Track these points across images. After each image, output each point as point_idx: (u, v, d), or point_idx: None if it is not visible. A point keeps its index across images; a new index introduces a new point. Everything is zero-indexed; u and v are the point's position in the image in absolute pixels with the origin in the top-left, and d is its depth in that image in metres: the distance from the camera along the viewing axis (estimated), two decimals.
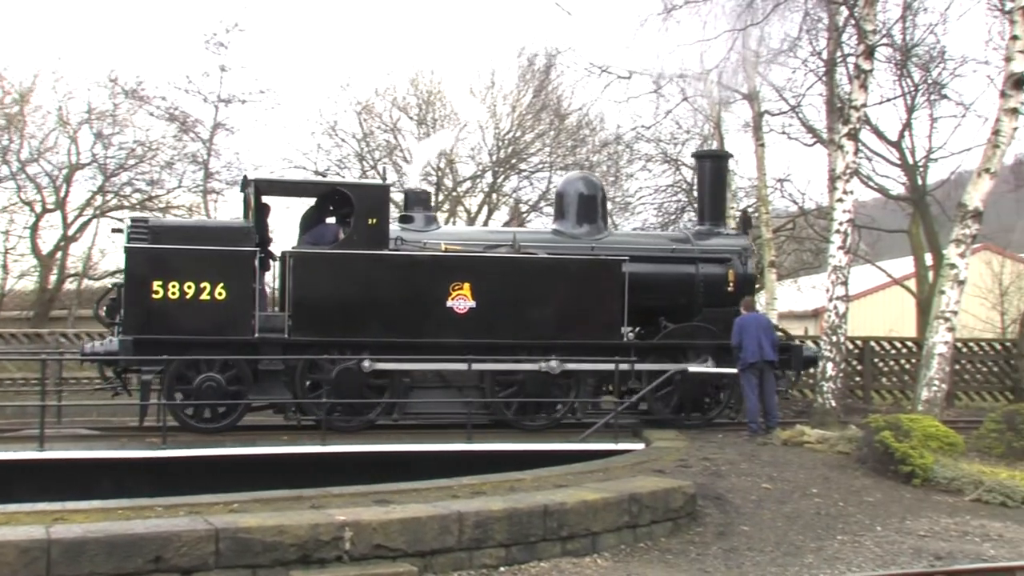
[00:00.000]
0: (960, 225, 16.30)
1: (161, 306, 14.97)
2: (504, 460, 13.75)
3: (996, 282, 34.00)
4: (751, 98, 25.88)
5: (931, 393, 15.88)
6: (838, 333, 16.44)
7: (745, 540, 10.73)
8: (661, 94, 28.76)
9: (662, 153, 31.85)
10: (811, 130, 28.70)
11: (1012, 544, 10.67)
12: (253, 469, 13.76)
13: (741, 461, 13.70)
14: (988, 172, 16.18)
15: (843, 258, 16.60)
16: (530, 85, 34.29)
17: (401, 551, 9.05)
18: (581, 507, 10.12)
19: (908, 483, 13.08)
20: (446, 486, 11.16)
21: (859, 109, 17.22)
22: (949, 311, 16.02)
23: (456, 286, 16.03)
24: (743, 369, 15.83)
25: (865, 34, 16.99)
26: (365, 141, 33.09)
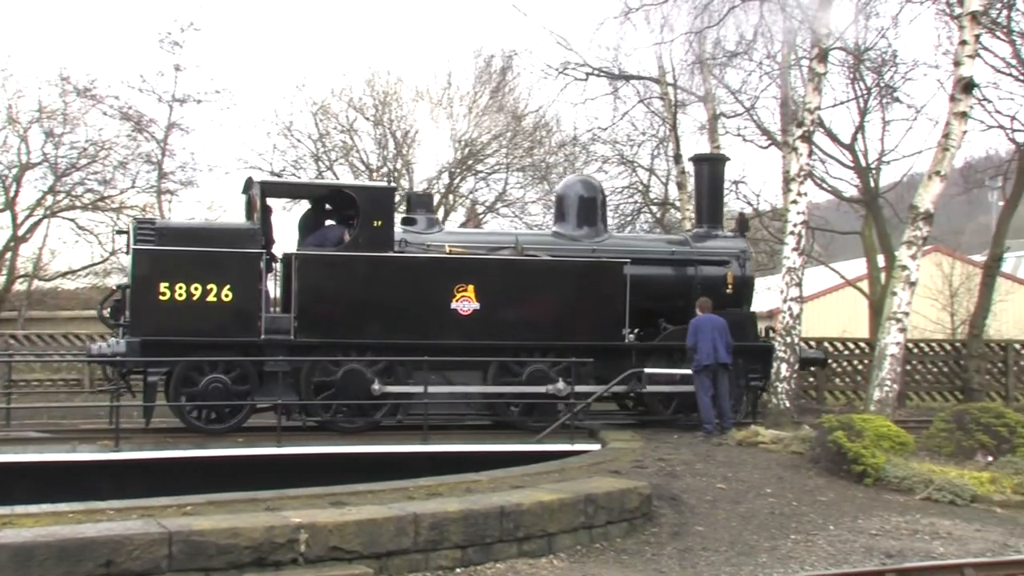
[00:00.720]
0: (911, 227, 16.48)
1: (168, 307, 15.03)
2: (462, 461, 13.76)
3: (946, 283, 34.40)
4: (706, 100, 26.06)
5: (883, 393, 16.06)
6: (792, 334, 16.59)
7: (700, 540, 10.79)
8: (618, 96, 28.96)
9: (618, 155, 31.98)
10: (766, 132, 28.95)
11: (960, 542, 10.82)
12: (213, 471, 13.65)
13: (696, 462, 13.77)
14: (938, 175, 16.37)
15: (797, 259, 16.76)
16: (487, 86, 34.29)
17: (357, 553, 9.01)
18: (537, 508, 10.13)
19: (860, 482, 13.23)
20: (402, 487, 11.12)
21: (813, 112, 17.38)
22: (901, 312, 16.20)
23: (460, 288, 16.22)
24: (697, 371, 15.93)
25: (819, 37, 17.14)
26: (321, 142, 32.93)
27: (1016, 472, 13.39)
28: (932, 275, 32.82)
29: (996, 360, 25.41)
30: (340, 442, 15.13)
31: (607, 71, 27.73)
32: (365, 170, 33.15)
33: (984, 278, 26.82)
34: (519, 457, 13.94)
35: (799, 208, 16.97)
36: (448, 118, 33.96)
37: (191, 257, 15.28)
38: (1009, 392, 24.57)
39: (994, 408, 15.60)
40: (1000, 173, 30.39)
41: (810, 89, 17.30)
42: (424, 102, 33.41)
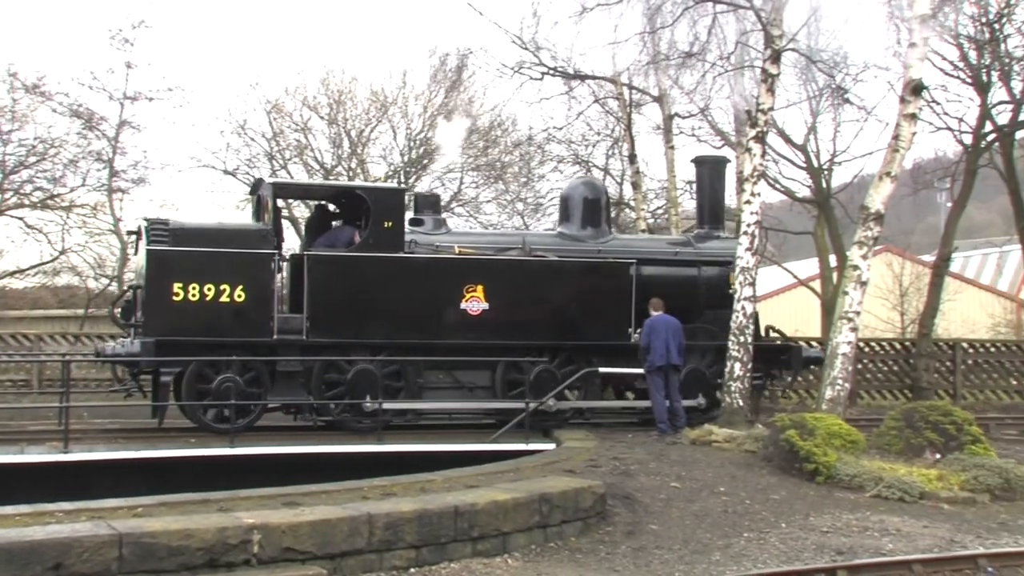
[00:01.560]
0: (863, 227, 16.62)
1: (182, 308, 15.13)
2: (416, 461, 13.75)
3: (897, 283, 34.84)
4: (661, 101, 26.18)
5: (834, 392, 16.17)
6: (745, 333, 16.67)
7: (654, 539, 10.84)
8: (573, 96, 29.02)
9: (573, 155, 32.08)
10: (720, 133, 29.14)
11: (909, 538, 10.95)
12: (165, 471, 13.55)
13: (650, 461, 13.84)
14: (889, 176, 16.53)
15: (751, 259, 16.84)
16: (442, 85, 34.25)
17: (311, 554, 8.95)
18: (492, 507, 10.12)
19: (812, 480, 13.35)
20: (356, 487, 11.08)
21: (766, 113, 17.49)
22: (852, 311, 16.33)
23: (470, 288, 16.48)
24: (650, 371, 16.02)
25: (772, 39, 17.27)
26: (275, 140, 32.74)
27: (963, 469, 13.57)
28: (883, 275, 33.24)
29: (944, 359, 25.79)
30: (295, 442, 15.07)
31: (562, 70, 27.79)
32: (320, 169, 33.00)
33: (933, 278, 27.19)
34: (475, 457, 13.96)
35: (753, 208, 17.07)
36: (403, 117, 33.90)
37: (205, 257, 15.40)
38: (957, 390, 24.94)
39: (942, 406, 15.80)
40: (948, 174, 30.82)
41: (763, 90, 17.40)
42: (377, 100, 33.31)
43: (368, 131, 33.69)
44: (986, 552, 10.18)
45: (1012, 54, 27.89)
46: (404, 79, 34.38)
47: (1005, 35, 27.64)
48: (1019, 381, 26.13)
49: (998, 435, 17.23)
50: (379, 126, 33.79)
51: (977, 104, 28.10)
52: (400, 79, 34.95)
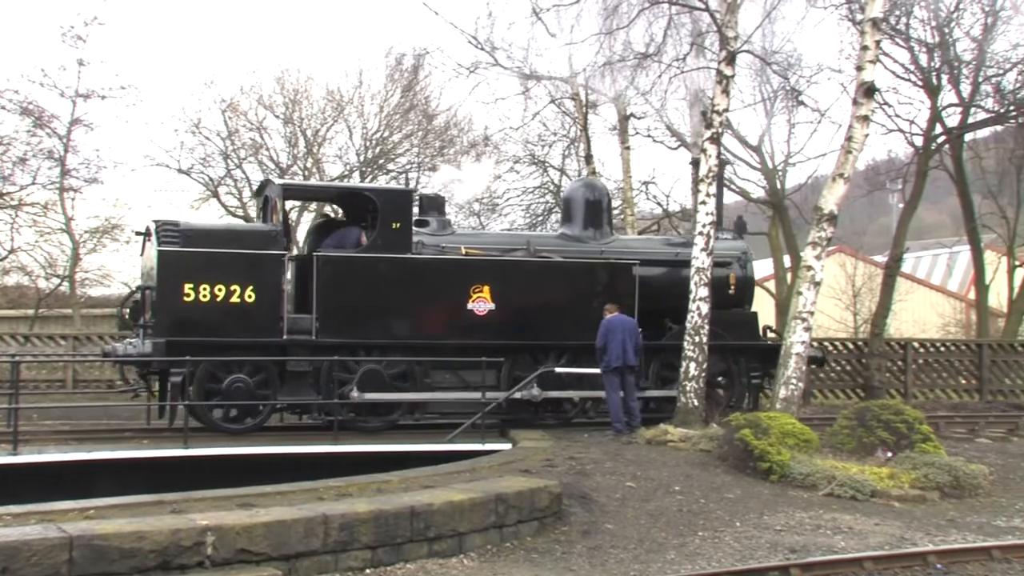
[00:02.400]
0: (816, 228, 16.75)
1: (193, 308, 15.24)
2: (373, 462, 13.70)
3: (850, 283, 35.20)
4: (617, 101, 26.25)
5: (788, 391, 16.27)
6: (701, 334, 16.75)
7: (609, 538, 10.88)
8: (529, 96, 29.04)
9: (530, 155, 32.12)
10: (675, 134, 29.30)
11: (861, 536, 11.07)
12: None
13: (606, 460, 13.88)
14: (842, 177, 16.67)
15: (706, 260, 16.92)
16: (398, 85, 34.15)
17: (265, 555, 8.90)
18: (448, 508, 10.12)
19: (766, 479, 13.45)
20: (312, 488, 11.03)
21: (721, 114, 17.59)
22: (806, 311, 16.45)
23: (476, 289, 16.67)
24: (606, 371, 16.08)
25: (727, 40, 17.37)
26: (230, 139, 32.47)
27: (914, 467, 13.74)
28: (836, 275, 33.59)
29: (896, 358, 26.07)
30: (250, 443, 14.97)
31: (518, 71, 27.79)
32: (275, 168, 32.79)
33: (885, 278, 27.51)
34: (432, 457, 13.95)
35: (708, 209, 17.15)
36: (359, 117, 33.78)
37: (215, 258, 15.48)
38: (908, 389, 25.24)
39: (894, 405, 15.96)
40: (900, 176, 31.25)
41: (718, 91, 17.50)
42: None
43: (324, 130, 33.53)
44: (935, 549, 10.31)
45: (961, 57, 28.30)
46: (360, 78, 34.27)
47: (954, 39, 28.06)
48: (968, 380, 26.48)
49: (947, 433, 17.45)
50: (335, 125, 33.66)
51: (927, 107, 28.50)
52: (356, 78, 34.85)
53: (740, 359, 18.41)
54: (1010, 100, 28.22)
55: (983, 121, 29.55)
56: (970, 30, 28.28)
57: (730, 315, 18.33)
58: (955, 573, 9.81)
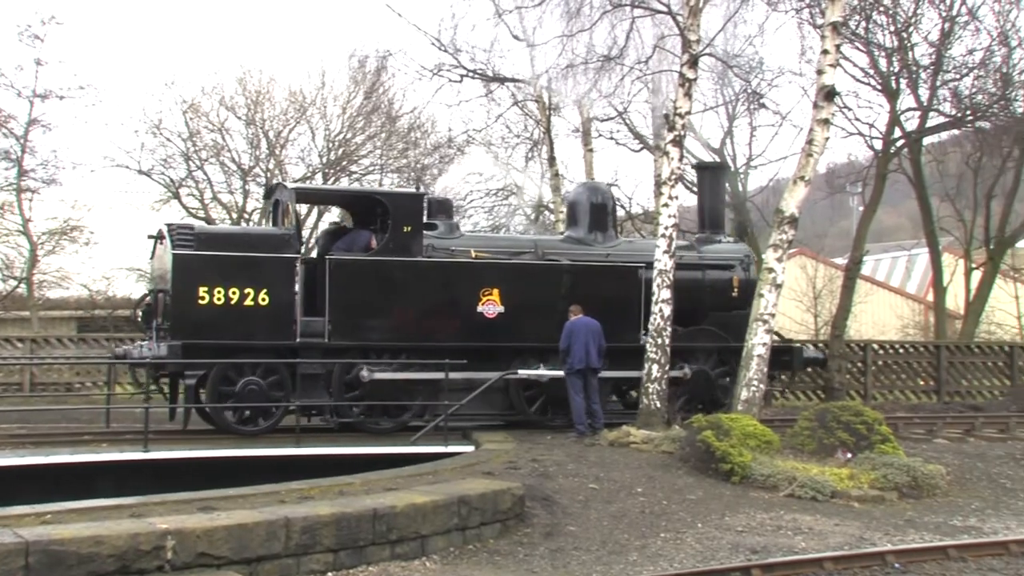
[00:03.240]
0: (777, 231, 16.86)
1: (208, 312, 15.34)
2: (335, 464, 13.67)
3: (810, 285, 35.48)
4: (580, 104, 26.32)
5: (750, 393, 16.36)
6: (663, 336, 16.81)
7: (572, 540, 10.90)
8: (492, 98, 29.08)
9: (493, 157, 32.10)
10: (638, 136, 29.42)
11: (821, 536, 11.16)
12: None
13: (569, 462, 13.90)
14: (803, 180, 16.78)
15: (668, 262, 16.97)
16: (361, 87, 34.06)
17: (226, 559, 8.84)
18: (410, 510, 10.10)
19: (728, 480, 13.53)
20: (273, 491, 10.98)
21: (684, 117, 17.66)
22: (767, 313, 16.55)
23: (486, 291, 16.84)
24: (570, 373, 16.11)
25: (689, 44, 17.45)
26: (191, 140, 32.25)
27: (873, 468, 13.86)
28: (797, 277, 33.86)
29: (856, 360, 26.27)
30: (212, 446, 14.88)
31: (481, 73, 27.84)
32: (237, 170, 32.61)
33: (845, 280, 27.72)
34: (394, 459, 13.93)
35: (670, 211, 17.21)
36: (322, 118, 33.66)
37: (229, 262, 15.60)
38: (868, 391, 25.44)
39: (853, 406, 16.09)
40: (860, 179, 31.52)
41: (680, 94, 17.58)
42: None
43: (286, 132, 33.39)
44: (894, 549, 10.41)
45: (919, 62, 28.60)
46: (323, 80, 34.17)
47: (912, 44, 28.35)
48: (926, 381, 26.74)
49: (906, 434, 17.61)
50: (297, 127, 33.53)
51: (887, 110, 28.77)
52: (319, 80, 34.73)
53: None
54: (967, 104, 28.55)
55: (941, 125, 29.88)
56: (928, 35, 28.62)
57: (733, 317, 18.54)
58: (913, 572, 9.90)
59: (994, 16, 28.61)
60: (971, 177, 30.41)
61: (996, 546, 10.78)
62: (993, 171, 29.79)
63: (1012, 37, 28.36)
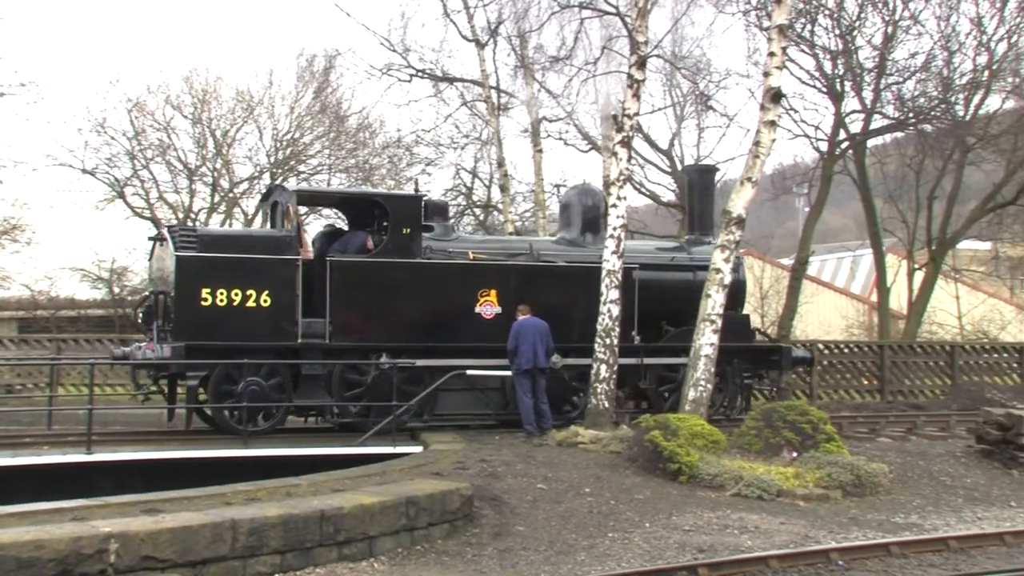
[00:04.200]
0: (725, 231, 16.96)
1: (210, 313, 15.49)
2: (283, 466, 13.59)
3: (757, 286, 35.75)
4: (529, 104, 26.36)
5: (697, 393, 16.43)
6: (612, 336, 16.86)
7: (520, 540, 10.91)
8: (442, 98, 29.05)
9: (442, 157, 32.09)
10: (586, 137, 29.53)
11: (767, 535, 11.26)
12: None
13: (517, 462, 13.91)
14: (750, 181, 16.90)
15: (616, 263, 17.02)
16: (309, 86, 33.88)
17: (171, 562, 8.74)
18: (358, 511, 10.06)
19: (675, 480, 13.60)
20: (220, 493, 10.89)
21: (632, 118, 17.73)
22: (715, 314, 16.63)
23: (484, 293, 17.07)
24: (518, 373, 16.12)
25: (637, 45, 17.52)
26: (137, 139, 31.89)
27: (818, 467, 14.01)
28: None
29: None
30: (156, 448, 14.75)
31: (431, 73, 27.80)
32: (183, 169, 32.30)
33: (791, 281, 28.04)
34: (342, 461, 13.86)
35: (619, 212, 17.26)
36: (269, 118, 33.44)
37: (232, 263, 15.73)
38: (813, 390, 25.71)
39: (799, 406, 16.23)
40: (806, 180, 31.88)
41: (629, 95, 17.64)
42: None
43: (234, 131, 33.13)
44: (838, 547, 10.54)
45: (863, 65, 29.00)
46: (271, 79, 34.01)
47: (856, 47, 28.74)
48: (870, 381, 27.08)
49: (850, 433, 17.81)
50: (245, 126, 33.28)
51: (832, 113, 29.14)
52: (267, 79, 34.53)
53: (734, 360, 18.91)
54: (909, 107, 28.99)
55: (884, 127, 30.34)
56: (872, 38, 29.03)
57: (724, 317, 18.46)
58: (856, 569, 10.02)
59: (936, 21, 29.10)
60: (914, 179, 30.88)
61: (936, 542, 10.95)
62: (935, 173, 30.28)
63: (953, 42, 28.86)
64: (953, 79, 28.97)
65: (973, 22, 29.04)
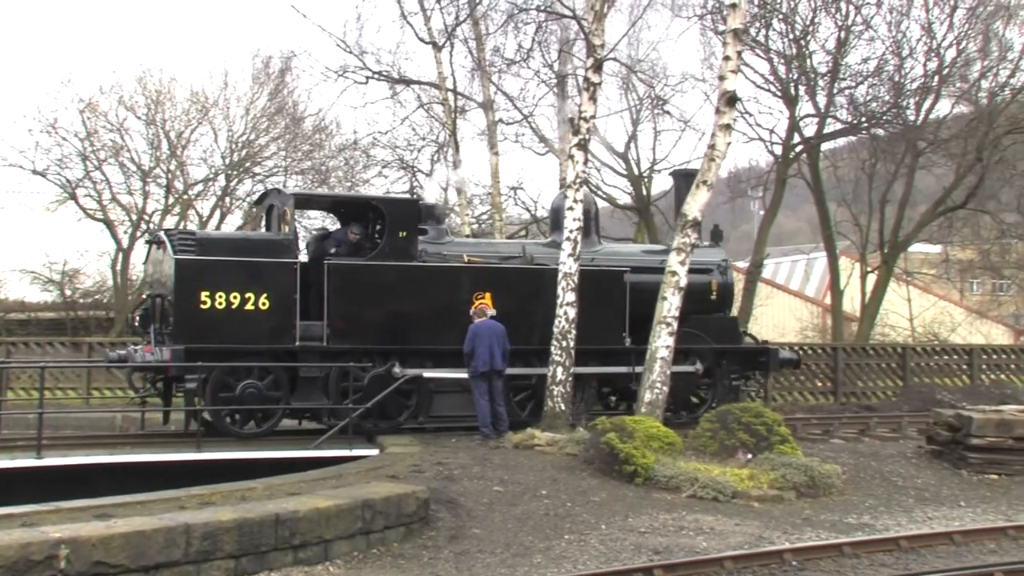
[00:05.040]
0: (680, 234, 17.03)
1: (209, 316, 15.57)
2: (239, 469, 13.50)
3: None
4: (486, 107, 26.38)
5: (653, 395, 16.47)
6: (568, 339, 16.88)
7: (476, 543, 10.90)
8: (398, 100, 29.00)
9: (398, 159, 32.02)
10: (543, 139, 29.59)
11: (722, 536, 11.33)
12: None
13: (473, 465, 13.90)
14: (705, 184, 16.99)
15: (573, 265, 17.05)
16: (265, 87, 33.68)
17: (123, 567, 8.65)
18: (313, 515, 10.01)
19: (631, 482, 13.64)
20: (174, 497, 10.80)
21: (588, 120, 17.78)
22: (671, 316, 16.70)
23: (479, 296, 17.04)
24: (474, 376, 16.11)
25: (594, 48, 17.57)
26: (89, 140, 31.54)
27: (772, 468, 14.10)
28: None
29: None
30: (106, 452, 14.60)
31: (387, 75, 27.74)
32: (137, 171, 31.99)
33: (746, 283, 28.21)
34: (298, 464, 13.79)
35: (575, 215, 17.30)
36: (224, 119, 33.19)
37: (231, 266, 15.82)
38: (767, 392, 25.90)
39: (754, 408, 16.32)
40: (761, 184, 32.16)
41: (585, 98, 17.69)
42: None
43: (188, 133, 32.86)
44: (791, 547, 10.62)
45: (817, 69, 29.29)
46: (226, 80, 33.81)
47: (810, 51, 29.02)
48: (824, 383, 27.33)
49: (804, 435, 17.96)
50: (200, 128, 33.02)
51: (786, 116, 29.41)
52: (222, 80, 34.30)
53: (723, 361, 19.26)
54: (862, 111, 29.31)
55: (838, 131, 30.66)
56: (825, 43, 29.32)
57: (713, 320, 19.33)
58: (809, 570, 10.11)
59: (887, 26, 29.45)
60: (866, 183, 31.22)
61: (887, 542, 11.07)
62: (887, 177, 30.63)
63: (904, 47, 29.22)
64: (904, 84, 29.33)
65: (923, 28, 29.43)
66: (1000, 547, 11.24)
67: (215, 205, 33.43)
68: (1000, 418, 16.01)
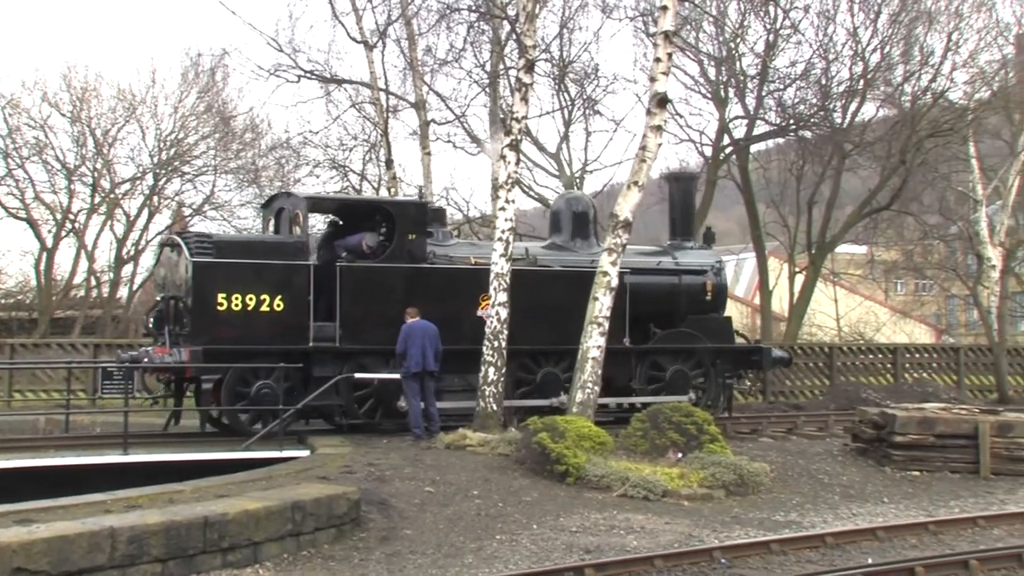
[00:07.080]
0: (612, 235, 17.12)
1: (226, 317, 15.90)
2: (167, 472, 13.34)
3: None
4: (418, 107, 26.30)
5: (585, 395, 16.55)
6: (500, 339, 16.90)
7: (408, 544, 10.87)
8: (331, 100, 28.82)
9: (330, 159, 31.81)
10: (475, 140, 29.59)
11: (652, 535, 11.42)
12: None
13: (405, 466, 13.87)
14: (637, 185, 17.09)
15: (505, 265, 17.08)
16: (194, 85, 33.25)
17: (45, 573, 8.49)
18: (242, 517, 9.90)
19: (563, 482, 13.70)
20: (99, 501, 10.61)
21: (520, 121, 17.81)
22: (602, 316, 16.78)
23: (485, 297, 17.31)
24: (406, 377, 16.08)
25: (526, 49, 17.62)
26: (11, 137, 30.93)
27: (702, 467, 14.25)
28: None
29: None
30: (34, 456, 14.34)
31: (319, 74, 27.55)
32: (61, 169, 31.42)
33: None
34: (228, 466, 13.66)
35: (507, 215, 17.32)
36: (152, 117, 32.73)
37: (247, 269, 16.17)
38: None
39: (684, 407, 16.43)
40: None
41: (517, 99, 17.72)
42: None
43: (115, 131, 32.34)
44: (720, 545, 10.75)
45: (746, 72, 29.66)
46: (153, 78, 33.36)
47: (740, 54, 29.38)
48: (753, 382, 27.64)
49: (734, 434, 18.18)
50: (127, 126, 32.51)
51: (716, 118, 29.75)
52: (149, 77, 33.81)
53: (717, 361, 19.63)
54: (790, 114, 29.74)
55: (766, 133, 31.08)
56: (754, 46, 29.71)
57: (707, 320, 19.78)
58: (738, 567, 10.22)
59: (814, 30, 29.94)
60: (794, 184, 31.69)
61: (814, 539, 11.24)
62: (815, 179, 31.12)
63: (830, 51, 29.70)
64: (831, 87, 29.82)
65: (849, 32, 29.96)
66: (921, 542, 11.50)
67: (143, 204, 32.96)
68: (922, 416, 16.35)
